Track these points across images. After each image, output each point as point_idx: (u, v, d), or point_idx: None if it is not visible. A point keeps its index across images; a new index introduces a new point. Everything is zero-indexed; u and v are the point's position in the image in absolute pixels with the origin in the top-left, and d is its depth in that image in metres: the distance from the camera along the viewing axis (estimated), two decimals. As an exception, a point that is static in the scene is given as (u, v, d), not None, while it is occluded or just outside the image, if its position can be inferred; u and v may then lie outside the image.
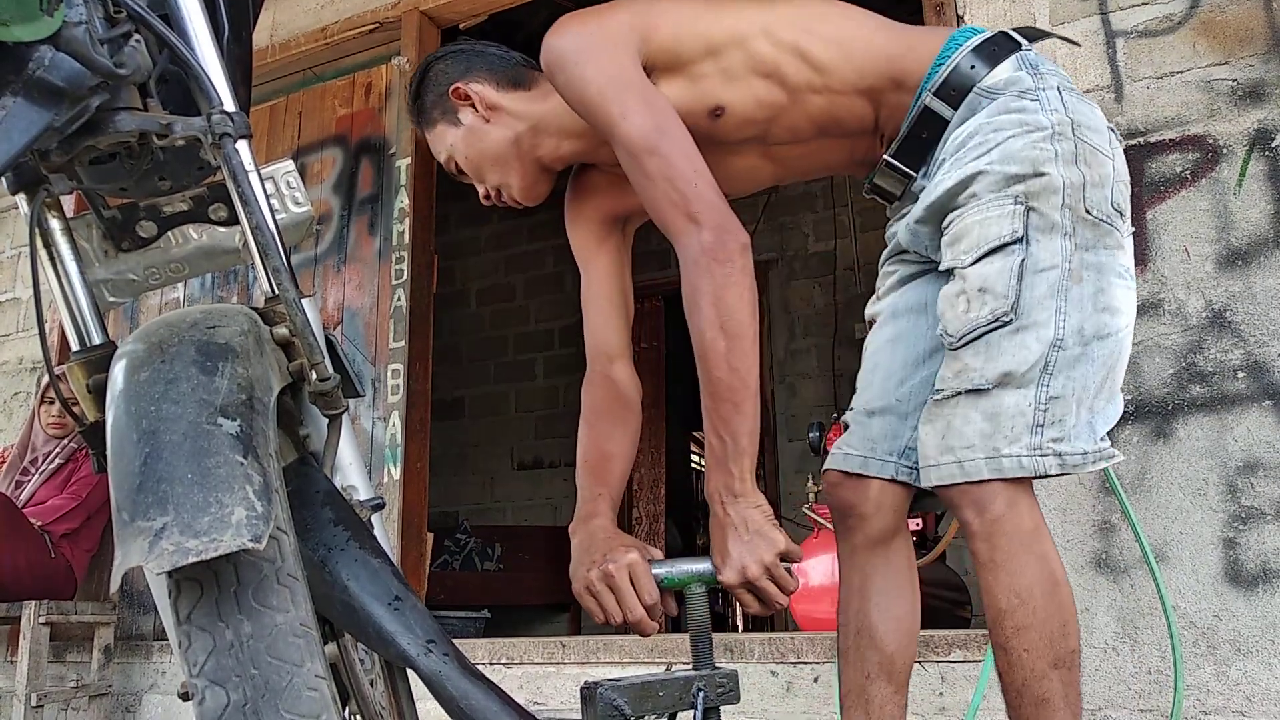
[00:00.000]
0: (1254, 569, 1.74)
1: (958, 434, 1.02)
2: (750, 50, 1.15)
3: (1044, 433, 1.00)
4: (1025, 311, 1.02)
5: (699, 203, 1.05)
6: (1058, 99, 1.08)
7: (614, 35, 1.12)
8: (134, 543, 0.59)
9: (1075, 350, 1.02)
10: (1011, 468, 1.00)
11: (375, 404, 2.79)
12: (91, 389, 0.77)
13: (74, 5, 0.67)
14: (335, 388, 0.77)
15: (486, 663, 2.38)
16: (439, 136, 1.30)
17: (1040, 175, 1.04)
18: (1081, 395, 1.02)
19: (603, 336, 1.32)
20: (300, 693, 0.61)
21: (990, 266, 1.03)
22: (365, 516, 0.83)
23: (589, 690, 0.92)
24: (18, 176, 0.77)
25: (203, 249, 0.86)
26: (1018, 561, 0.99)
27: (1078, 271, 1.03)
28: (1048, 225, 1.03)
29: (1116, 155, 1.11)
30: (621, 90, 1.09)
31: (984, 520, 1.01)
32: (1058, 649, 0.99)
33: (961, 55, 1.12)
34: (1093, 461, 1.02)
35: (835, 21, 1.17)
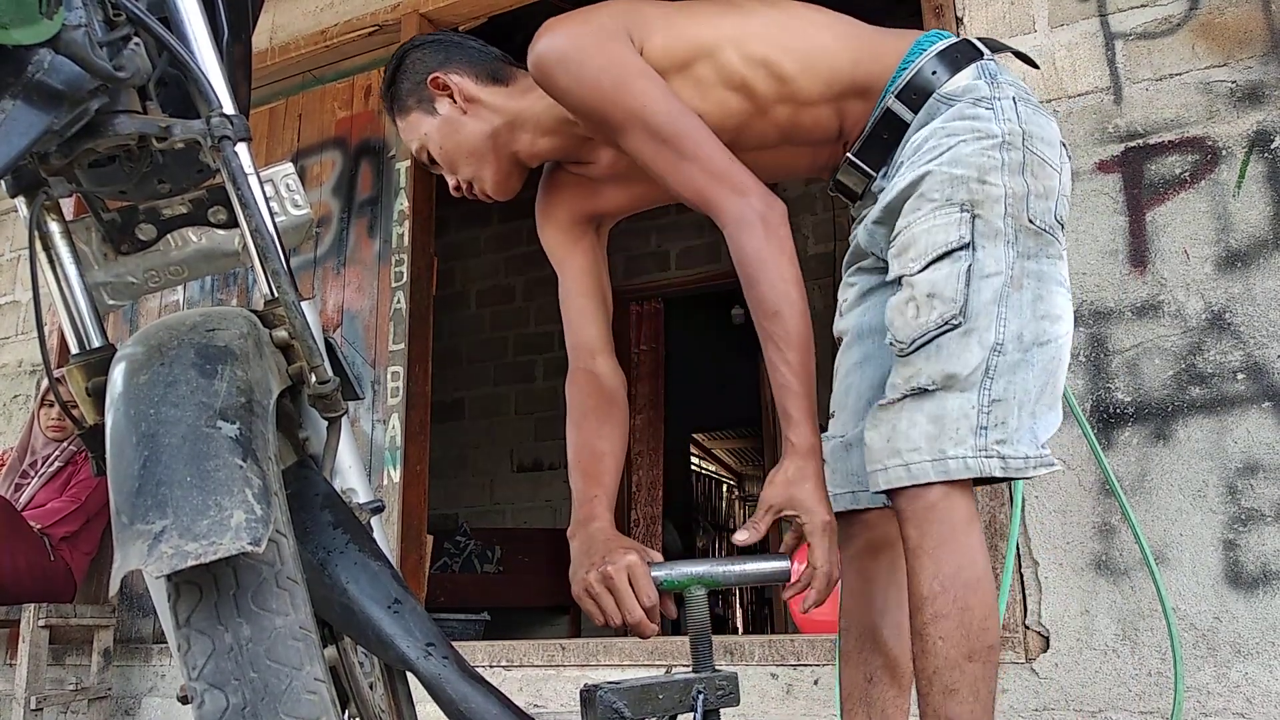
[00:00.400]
0: (1254, 571, 1.74)
1: (904, 436, 1.03)
2: (720, 62, 1.16)
3: (988, 434, 1.02)
4: (972, 315, 1.04)
5: (741, 174, 1.10)
6: (1012, 109, 1.10)
7: (610, 31, 1.14)
8: (133, 546, 0.59)
9: (1015, 355, 1.04)
10: (957, 469, 1.01)
11: (375, 406, 2.79)
12: (91, 392, 0.77)
13: (73, 8, 0.67)
14: (335, 390, 0.77)
15: (486, 665, 2.37)
16: (413, 125, 1.30)
17: (985, 183, 1.06)
18: (1023, 399, 1.04)
19: (584, 333, 1.30)
20: (300, 696, 0.61)
21: (939, 272, 1.05)
22: (365, 519, 0.83)
23: (589, 693, 0.92)
24: (17, 179, 0.77)
25: (202, 252, 0.86)
26: (945, 549, 1.01)
27: (1019, 279, 1.06)
28: (992, 232, 1.06)
29: (1064, 170, 1.14)
30: (635, 79, 1.11)
31: (917, 506, 1.02)
32: (974, 642, 0.99)
33: (925, 60, 1.14)
34: (1033, 467, 1.04)
35: (804, 30, 1.18)
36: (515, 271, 5.64)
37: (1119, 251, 1.94)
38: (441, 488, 4.78)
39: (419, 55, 1.30)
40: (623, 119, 1.11)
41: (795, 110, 1.18)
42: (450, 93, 1.26)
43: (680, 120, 1.10)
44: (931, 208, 1.07)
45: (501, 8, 3.00)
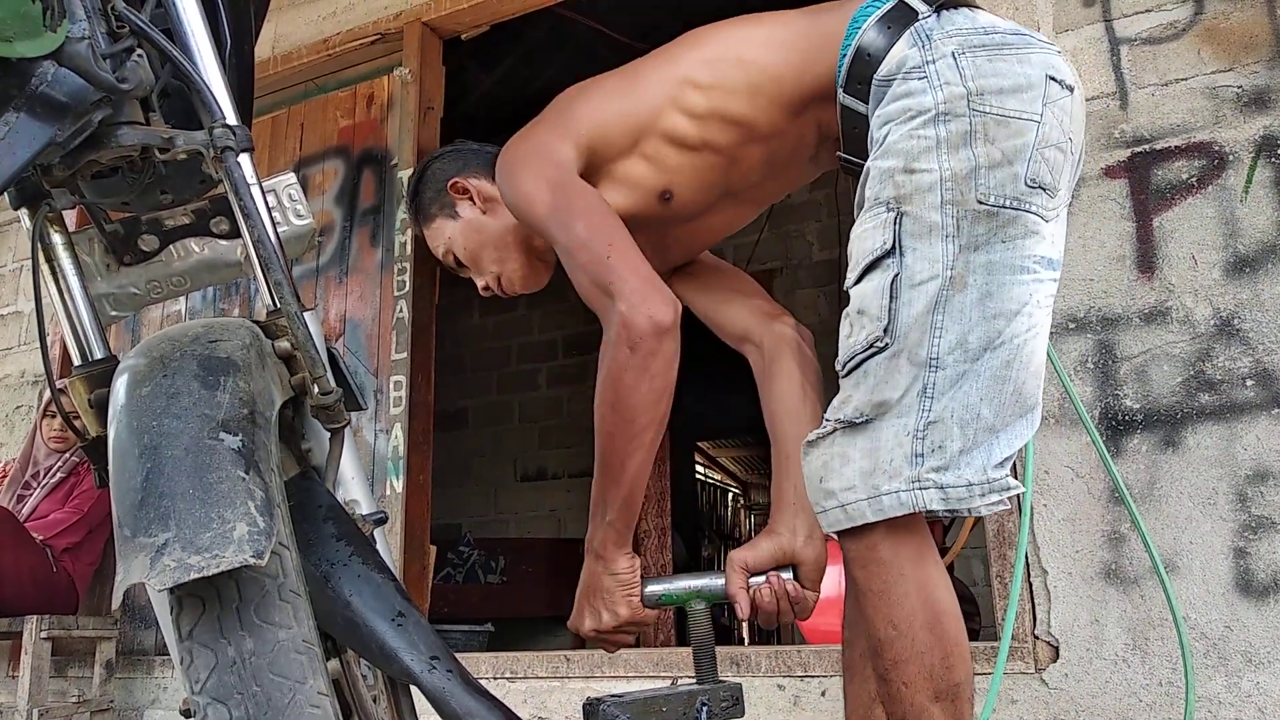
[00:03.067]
0: (1265, 579, 1.72)
1: (836, 475, 0.95)
2: (669, 131, 1.13)
3: (923, 462, 0.91)
4: (900, 333, 0.93)
5: (613, 274, 1.03)
6: (951, 68, 0.96)
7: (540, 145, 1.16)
8: (136, 559, 0.59)
9: (957, 368, 0.92)
10: (892, 505, 0.91)
11: (378, 416, 2.79)
12: (93, 403, 0.76)
13: (77, 20, 0.67)
14: (337, 401, 0.76)
15: (490, 677, 2.36)
16: (437, 231, 1.34)
17: (912, 171, 0.95)
18: (965, 417, 0.91)
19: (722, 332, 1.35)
20: (303, 710, 0.60)
21: (869, 284, 0.96)
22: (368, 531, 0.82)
23: (592, 706, 0.92)
24: (20, 191, 0.77)
25: (204, 262, 0.86)
26: (896, 591, 0.93)
27: (961, 277, 0.93)
28: (923, 229, 0.94)
29: (1048, 115, 0.96)
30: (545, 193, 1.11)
31: (860, 546, 0.95)
32: (939, 682, 0.92)
33: (860, 40, 1.03)
34: (980, 495, 0.91)
35: (738, 60, 1.11)
36: (518, 280, 5.64)
37: (1126, 257, 1.93)
38: (445, 498, 4.77)
39: (438, 165, 1.36)
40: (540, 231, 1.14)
41: (766, 143, 1.13)
42: (470, 195, 1.31)
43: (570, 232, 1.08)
44: (864, 211, 0.98)
45: (504, 15, 3.01)
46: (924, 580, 0.93)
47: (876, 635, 0.94)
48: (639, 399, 1.01)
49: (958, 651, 0.93)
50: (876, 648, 0.95)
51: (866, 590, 0.95)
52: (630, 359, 1.00)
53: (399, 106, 3.00)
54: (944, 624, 0.93)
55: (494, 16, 3.01)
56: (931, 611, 0.93)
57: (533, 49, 4.40)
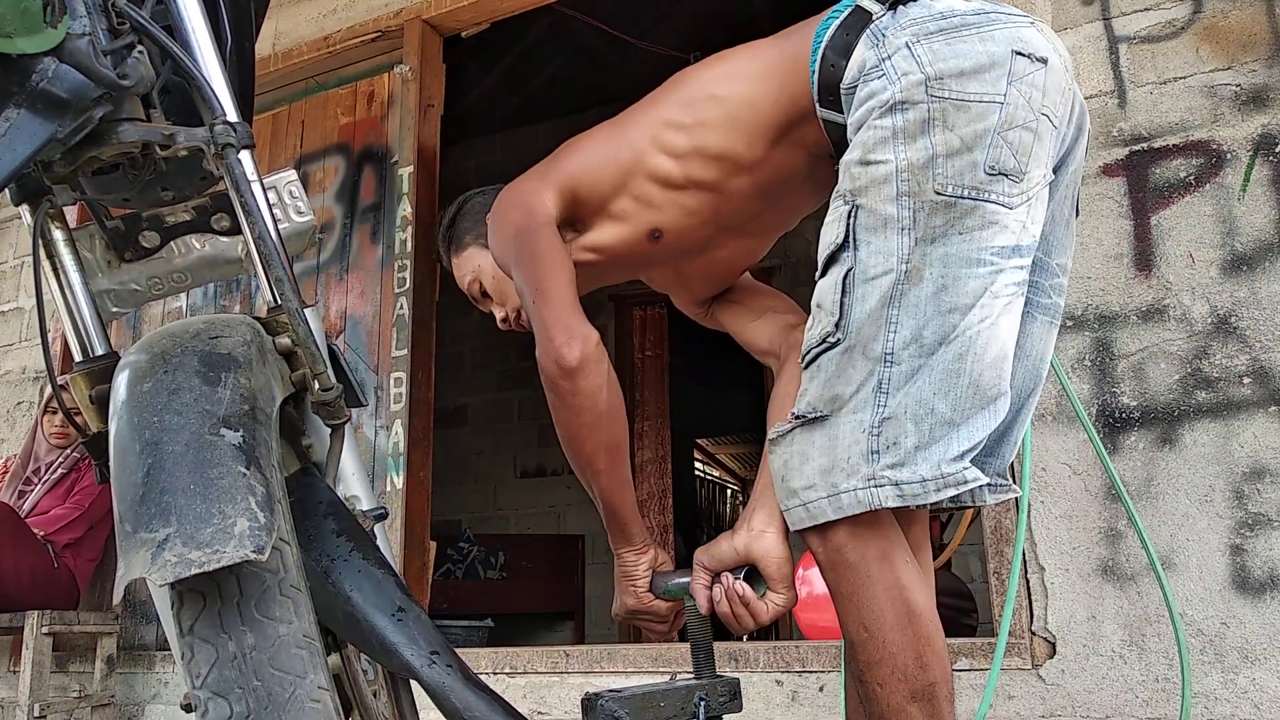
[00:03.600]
0: (1261, 576, 1.73)
1: (797, 473, 0.95)
2: (653, 171, 1.14)
3: (879, 459, 0.90)
4: (853, 328, 0.93)
5: (536, 318, 1.10)
6: (907, 59, 0.93)
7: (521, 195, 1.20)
8: (137, 554, 0.59)
9: (912, 363, 0.91)
10: (850, 503, 0.91)
11: (378, 413, 2.79)
12: (94, 399, 0.77)
13: (78, 17, 0.67)
14: (338, 397, 0.77)
15: (490, 672, 2.37)
16: (468, 259, 1.38)
17: (868, 163, 0.93)
18: (919, 412, 0.90)
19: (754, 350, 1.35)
20: (303, 704, 0.61)
21: (827, 279, 0.96)
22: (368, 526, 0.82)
23: (590, 701, 0.92)
24: (21, 188, 0.78)
25: (205, 259, 0.87)
26: (865, 593, 0.93)
27: (918, 270, 0.91)
28: (878, 222, 0.92)
29: (1013, 93, 0.92)
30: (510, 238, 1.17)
31: (827, 549, 0.94)
32: (914, 682, 0.91)
33: (821, 54, 1.02)
34: (935, 490, 0.90)
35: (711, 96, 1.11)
36: (518, 277, 5.65)
37: (1124, 255, 1.93)
38: (445, 494, 4.77)
39: (478, 200, 1.41)
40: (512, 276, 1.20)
41: (752, 174, 1.12)
42: None
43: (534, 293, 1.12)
44: (829, 212, 0.99)
45: (504, 13, 3.01)
46: (891, 581, 0.93)
47: (849, 637, 0.95)
48: (574, 431, 1.08)
49: (930, 650, 0.92)
50: (850, 650, 0.96)
51: (837, 593, 0.96)
52: (554, 399, 1.08)
53: (399, 104, 3.00)
54: (915, 624, 0.92)
55: (494, 14, 3.01)
56: (900, 612, 0.92)
57: (533, 46, 4.40)
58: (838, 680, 1.99)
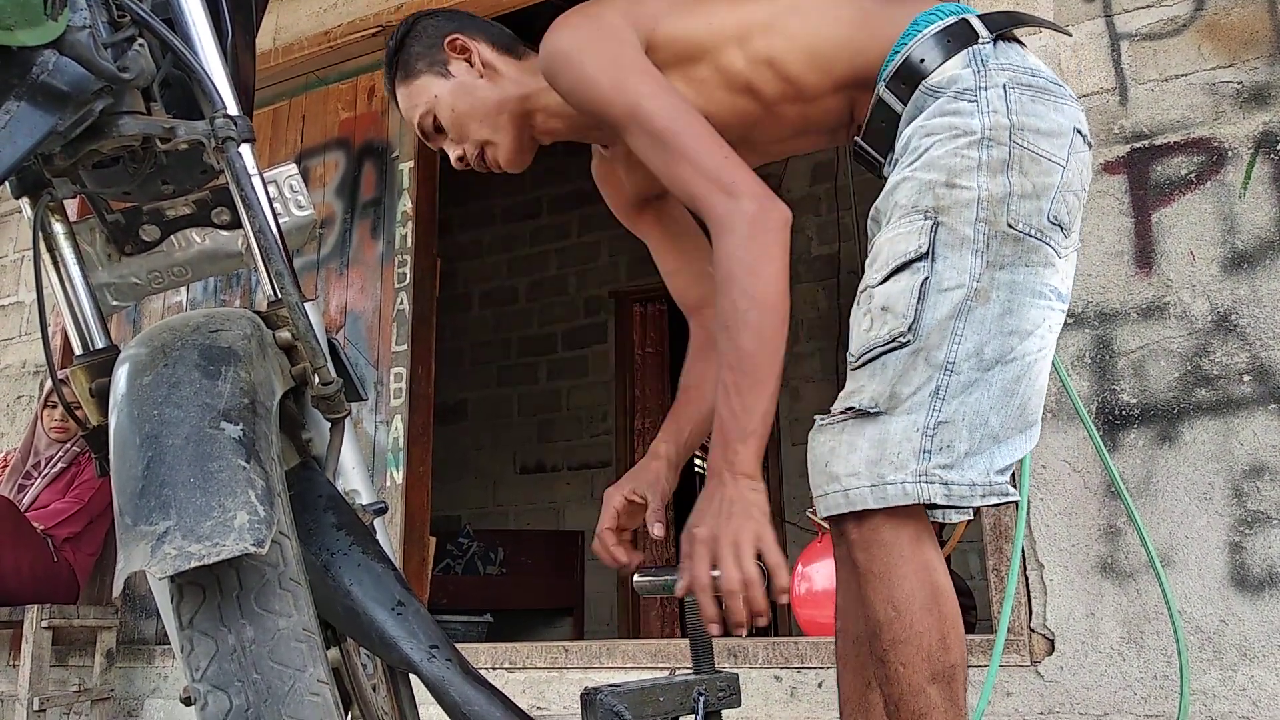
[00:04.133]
0: (1260, 573, 1.73)
1: (843, 460, 0.97)
2: (723, 64, 1.13)
3: (930, 459, 0.95)
4: (923, 333, 0.97)
5: (734, 173, 1.03)
6: (1000, 99, 1.01)
7: (611, 28, 1.11)
8: (136, 547, 0.59)
9: (971, 375, 0.97)
10: (896, 495, 0.94)
11: (378, 407, 2.79)
12: (94, 393, 0.77)
13: (78, 9, 0.67)
14: (338, 392, 0.77)
15: (489, 667, 2.37)
16: (420, 88, 1.24)
17: (953, 186, 0.99)
18: (974, 422, 0.96)
19: (680, 294, 1.37)
20: (303, 698, 0.61)
21: (896, 285, 0.99)
22: (368, 521, 0.82)
23: (589, 696, 0.92)
24: (21, 181, 0.77)
25: (205, 253, 0.87)
26: (896, 572, 0.95)
27: (985, 291, 0.98)
28: (957, 241, 0.99)
29: (1074, 162, 1.04)
30: (631, 75, 1.07)
31: (862, 530, 0.97)
32: (936, 663, 0.94)
33: (915, 45, 1.06)
34: (981, 496, 0.96)
35: (807, 18, 1.13)
36: (518, 273, 5.65)
37: (1124, 253, 1.93)
38: (444, 489, 4.78)
39: (432, 22, 1.27)
40: (619, 116, 1.08)
41: (804, 107, 1.14)
42: (468, 56, 1.23)
43: (674, 118, 1.05)
44: (898, 215, 1.02)
45: (505, 8, 3.00)
46: (923, 562, 0.96)
47: (876, 617, 0.96)
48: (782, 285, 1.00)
49: (955, 633, 0.96)
50: (875, 629, 0.97)
51: (867, 572, 0.97)
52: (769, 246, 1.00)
53: (399, 98, 3.00)
54: (942, 605, 0.96)
55: (495, 9, 3.00)
56: (930, 593, 0.95)
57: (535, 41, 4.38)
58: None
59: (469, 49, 1.24)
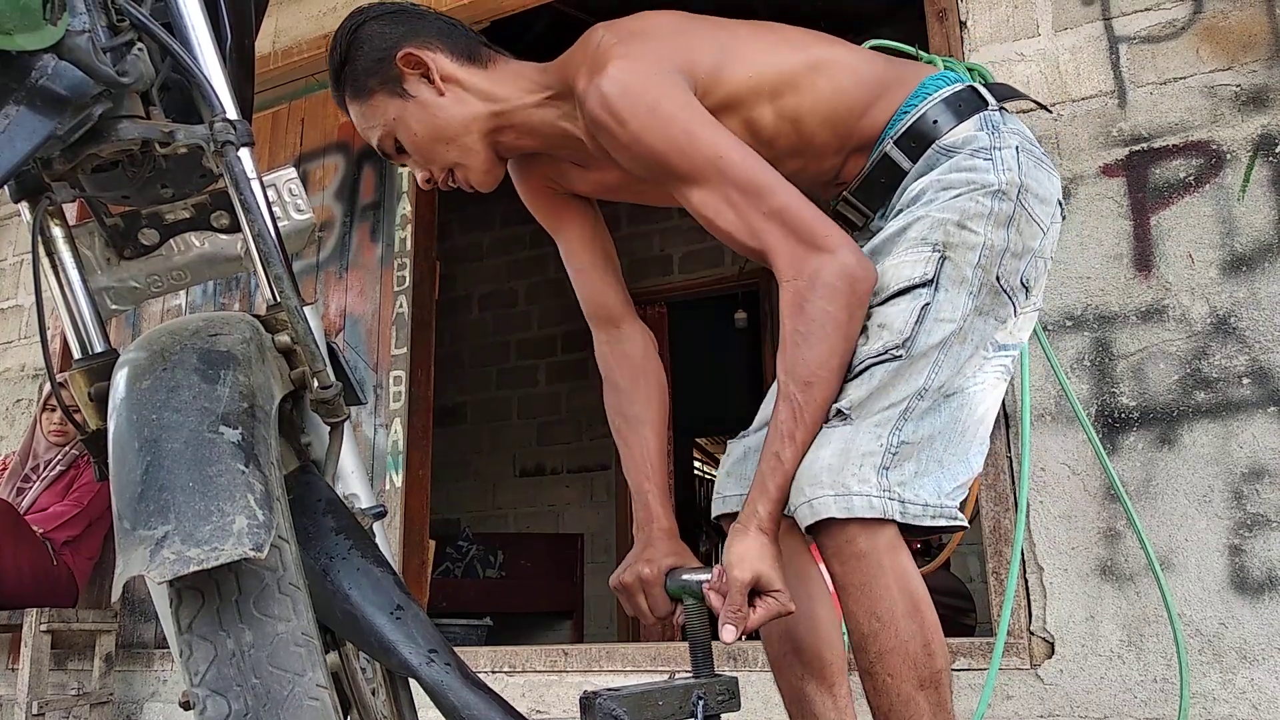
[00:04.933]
0: (1260, 576, 1.73)
1: (806, 470, 0.97)
2: (752, 117, 1.11)
3: (888, 475, 0.97)
4: (914, 353, 1.00)
5: (825, 227, 1.01)
6: (1014, 159, 1.07)
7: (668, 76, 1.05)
8: (135, 551, 0.59)
9: (933, 402, 1.01)
10: (862, 507, 0.95)
11: (377, 411, 2.79)
12: (93, 397, 0.77)
13: (77, 14, 0.67)
14: (337, 395, 0.77)
15: (489, 671, 2.37)
16: (375, 109, 1.14)
17: (964, 228, 1.03)
18: (924, 446, 1.00)
19: (595, 302, 1.28)
20: (302, 702, 0.61)
21: (895, 306, 1.02)
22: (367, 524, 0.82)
23: (587, 700, 0.92)
24: (20, 185, 0.77)
25: (205, 256, 0.87)
26: (876, 583, 0.95)
27: (966, 332, 1.03)
28: (959, 278, 1.03)
29: (1053, 231, 1.10)
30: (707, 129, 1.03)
31: (837, 542, 0.97)
32: (922, 670, 0.95)
33: (927, 107, 1.10)
34: (932, 516, 0.98)
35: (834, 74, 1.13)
36: (518, 275, 5.65)
37: (1123, 255, 1.93)
38: (443, 492, 4.77)
39: (378, 28, 1.14)
40: (692, 172, 1.03)
41: (806, 161, 1.16)
42: (425, 70, 1.12)
43: (758, 169, 1.02)
44: (905, 246, 1.04)
45: (504, 11, 3.00)
46: (901, 570, 0.97)
47: (860, 629, 0.96)
48: (850, 347, 1.00)
49: (937, 639, 0.97)
50: (860, 642, 0.97)
51: (846, 585, 0.97)
52: (856, 308, 0.99)
53: (399, 101, 3.00)
54: (923, 612, 0.96)
55: (494, 12, 3.01)
56: (911, 600, 0.96)
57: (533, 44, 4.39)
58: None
59: (425, 64, 1.12)
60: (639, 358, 1.28)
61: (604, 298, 1.28)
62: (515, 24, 3.25)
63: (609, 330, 1.29)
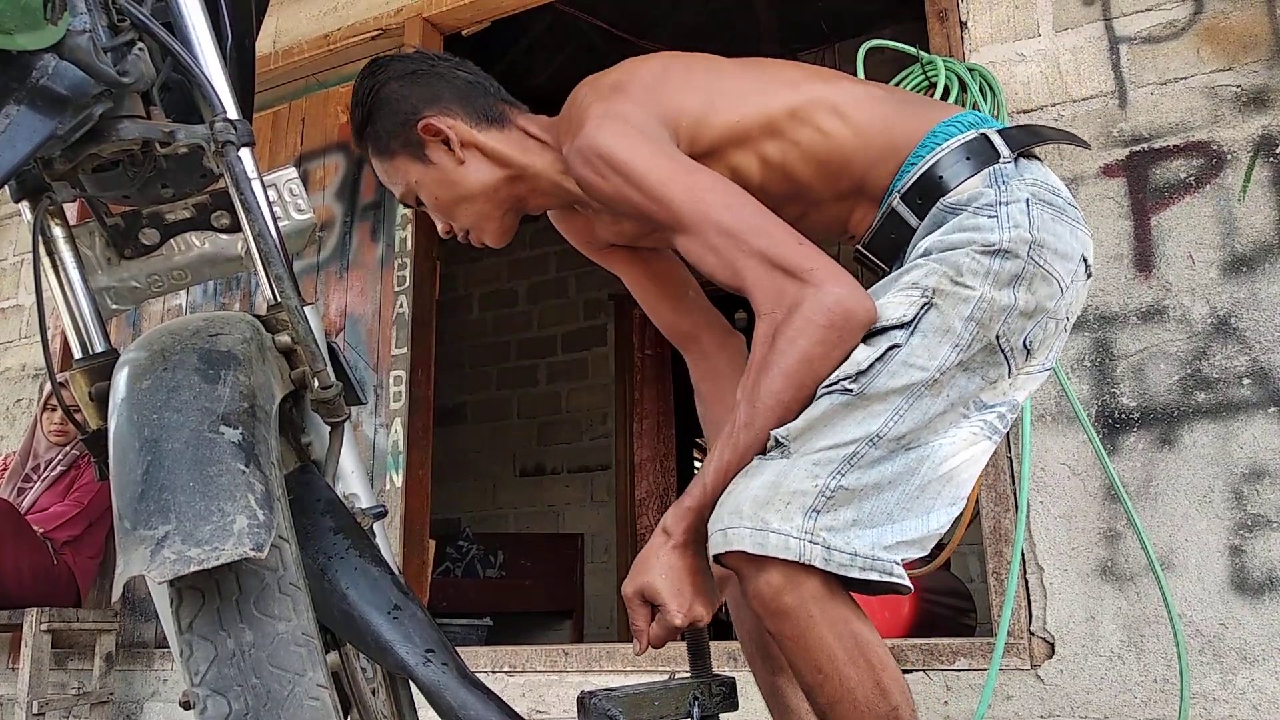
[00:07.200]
0: (1260, 577, 1.73)
1: (729, 498, 0.94)
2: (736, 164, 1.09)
3: (818, 518, 0.91)
4: (866, 393, 0.94)
5: (812, 261, 0.96)
6: (1022, 214, 1.00)
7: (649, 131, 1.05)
8: (136, 551, 0.59)
9: (885, 451, 0.94)
10: (778, 546, 0.90)
11: (377, 411, 2.79)
12: (94, 396, 0.77)
13: (78, 14, 0.67)
14: (337, 395, 0.77)
15: (489, 671, 2.37)
16: (398, 170, 1.18)
17: (957, 283, 0.97)
18: (869, 495, 0.93)
19: (671, 328, 1.32)
20: (302, 702, 0.61)
21: (865, 344, 0.97)
22: (367, 524, 0.82)
23: (584, 699, 0.92)
24: (21, 184, 0.78)
25: (205, 256, 0.87)
26: (809, 637, 0.91)
27: (941, 385, 0.96)
28: (942, 328, 0.96)
29: (1072, 290, 1.03)
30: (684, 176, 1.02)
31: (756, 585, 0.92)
32: (877, 710, 0.92)
33: (935, 157, 1.05)
34: (860, 568, 0.91)
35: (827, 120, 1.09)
36: (518, 275, 5.65)
37: (1124, 256, 1.93)
38: (444, 492, 4.77)
39: (400, 90, 1.16)
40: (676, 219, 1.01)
41: (805, 209, 1.12)
42: (445, 138, 1.15)
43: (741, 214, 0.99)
44: (896, 289, 1.00)
45: (504, 11, 3.01)
46: (834, 618, 0.92)
47: (804, 681, 0.94)
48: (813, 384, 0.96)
49: (888, 675, 0.93)
50: (808, 691, 0.94)
51: (781, 637, 0.93)
52: (838, 343, 0.95)
53: (399, 101, 2.99)
54: (867, 654, 0.92)
55: (494, 12, 3.01)
56: (850, 646, 0.92)
57: (533, 45, 4.39)
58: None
59: (443, 132, 1.14)
60: (725, 369, 1.28)
61: (676, 324, 1.31)
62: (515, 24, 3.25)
63: (690, 349, 1.32)
